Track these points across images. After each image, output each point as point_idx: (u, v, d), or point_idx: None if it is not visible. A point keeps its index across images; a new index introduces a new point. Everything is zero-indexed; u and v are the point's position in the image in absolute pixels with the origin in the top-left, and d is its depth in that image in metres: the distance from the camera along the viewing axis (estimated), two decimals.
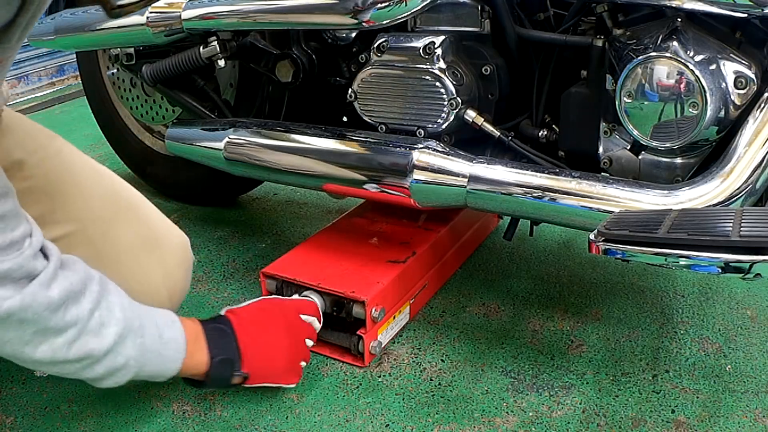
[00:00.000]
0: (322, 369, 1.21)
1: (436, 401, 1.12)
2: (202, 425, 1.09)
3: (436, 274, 1.40)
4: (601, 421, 1.06)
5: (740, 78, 1.02)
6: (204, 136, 1.47)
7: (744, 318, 1.31)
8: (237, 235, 1.74)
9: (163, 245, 1.11)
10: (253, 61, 1.51)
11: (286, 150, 1.32)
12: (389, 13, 1.16)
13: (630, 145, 1.14)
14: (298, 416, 1.10)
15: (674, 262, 0.83)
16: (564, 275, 1.48)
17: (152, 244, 1.10)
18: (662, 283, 1.43)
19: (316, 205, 1.89)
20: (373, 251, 1.33)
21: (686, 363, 1.19)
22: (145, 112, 1.82)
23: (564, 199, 1.08)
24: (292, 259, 1.31)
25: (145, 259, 1.08)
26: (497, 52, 1.26)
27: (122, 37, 1.51)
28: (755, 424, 1.05)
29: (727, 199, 0.99)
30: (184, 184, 1.86)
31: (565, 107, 1.19)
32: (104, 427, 1.09)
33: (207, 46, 1.45)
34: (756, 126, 0.99)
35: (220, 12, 1.34)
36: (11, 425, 1.10)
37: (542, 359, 1.21)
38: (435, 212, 1.43)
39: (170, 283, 1.11)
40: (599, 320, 1.32)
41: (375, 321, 1.18)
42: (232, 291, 1.47)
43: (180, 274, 1.13)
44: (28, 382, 1.20)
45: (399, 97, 1.26)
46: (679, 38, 1.02)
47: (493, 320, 1.33)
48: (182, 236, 1.16)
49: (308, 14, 1.23)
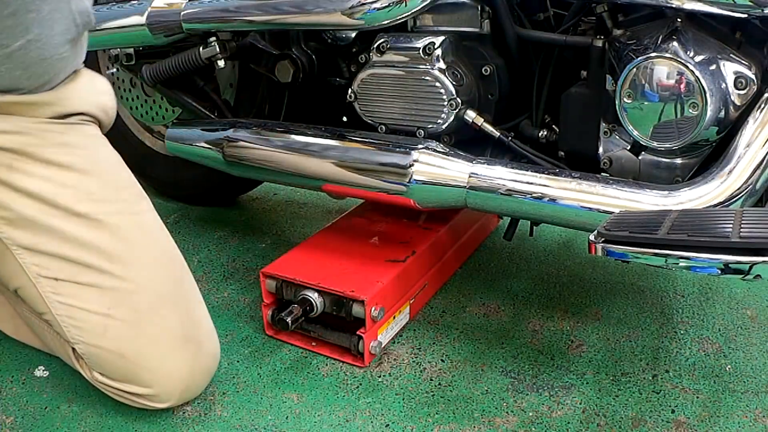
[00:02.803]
0: (322, 369, 1.21)
1: (436, 401, 1.12)
2: (202, 425, 1.09)
3: (436, 274, 1.40)
4: (601, 421, 1.06)
5: (740, 78, 1.02)
6: (204, 136, 1.47)
7: (744, 318, 1.31)
8: (237, 235, 1.74)
9: (199, 348, 1.09)
10: (252, 62, 1.51)
11: (286, 150, 1.32)
12: (389, 13, 1.16)
13: (630, 145, 1.14)
14: (298, 416, 1.10)
15: (674, 263, 0.83)
16: (564, 275, 1.49)
17: (190, 340, 1.08)
18: (662, 283, 1.43)
19: (316, 205, 1.89)
20: (372, 251, 1.33)
21: (686, 363, 1.19)
22: (145, 112, 1.82)
23: (564, 200, 1.08)
24: (292, 259, 1.31)
25: (178, 350, 1.06)
26: (497, 52, 1.26)
27: (122, 37, 1.51)
28: (755, 424, 1.05)
29: (727, 199, 0.99)
30: (184, 184, 1.86)
31: (565, 107, 1.19)
32: (104, 427, 1.09)
33: (207, 46, 1.45)
34: (756, 126, 0.99)
35: (220, 12, 1.34)
36: (11, 425, 1.10)
37: (542, 359, 1.21)
38: (435, 212, 1.43)
39: (188, 382, 1.09)
40: (599, 320, 1.32)
41: (375, 320, 1.18)
42: (232, 291, 1.47)
43: (201, 378, 1.11)
44: (28, 382, 1.20)
45: (399, 97, 1.26)
46: (679, 38, 1.02)
47: (493, 320, 1.33)
48: (218, 349, 1.14)
49: (308, 14, 1.23)
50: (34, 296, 1.06)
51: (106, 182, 1.08)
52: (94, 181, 1.07)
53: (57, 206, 1.03)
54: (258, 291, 1.41)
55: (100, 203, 1.06)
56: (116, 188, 1.09)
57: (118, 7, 1.50)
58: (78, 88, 1.11)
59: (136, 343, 1.04)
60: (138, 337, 1.04)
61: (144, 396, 1.07)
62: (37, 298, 1.06)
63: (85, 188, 1.05)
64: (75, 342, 1.06)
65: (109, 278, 1.03)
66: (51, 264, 1.03)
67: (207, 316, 1.14)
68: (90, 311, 1.03)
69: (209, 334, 1.12)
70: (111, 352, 1.04)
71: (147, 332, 1.04)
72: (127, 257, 1.05)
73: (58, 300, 1.04)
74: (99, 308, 1.03)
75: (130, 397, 1.08)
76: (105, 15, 1.52)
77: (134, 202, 1.11)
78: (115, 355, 1.04)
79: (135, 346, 1.04)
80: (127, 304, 1.03)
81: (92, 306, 1.03)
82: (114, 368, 1.06)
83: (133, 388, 1.06)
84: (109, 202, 1.07)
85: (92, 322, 1.03)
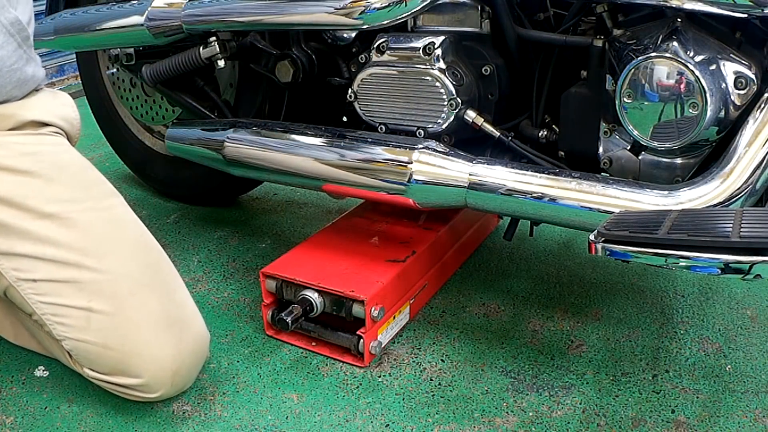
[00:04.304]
0: (322, 369, 1.21)
1: (436, 401, 1.12)
2: (202, 425, 1.09)
3: (436, 273, 1.40)
4: (601, 421, 1.06)
5: (740, 78, 1.02)
6: (204, 136, 1.47)
7: (744, 318, 1.31)
8: (237, 235, 1.74)
9: (183, 329, 1.09)
10: (252, 62, 1.51)
11: (286, 150, 1.32)
12: (389, 13, 1.16)
13: (630, 145, 1.14)
14: (298, 416, 1.10)
15: (674, 262, 0.83)
16: (564, 275, 1.49)
17: (174, 323, 1.08)
18: (662, 283, 1.43)
19: (316, 205, 1.89)
20: (372, 251, 1.33)
21: (686, 363, 1.19)
22: (145, 112, 1.82)
23: (564, 200, 1.08)
24: (291, 259, 1.31)
25: (162, 332, 1.06)
26: (497, 52, 1.26)
27: (122, 37, 1.51)
28: (755, 424, 1.05)
29: (727, 199, 0.99)
30: (184, 184, 1.86)
31: (565, 107, 1.19)
32: (104, 427, 1.09)
33: (207, 46, 1.45)
34: (756, 126, 0.99)
35: (220, 12, 1.34)
36: (11, 425, 1.10)
37: (542, 359, 1.21)
38: (435, 212, 1.43)
39: (177, 365, 1.07)
40: (599, 320, 1.32)
41: (374, 320, 1.18)
42: (232, 291, 1.47)
43: (190, 361, 1.10)
44: (28, 382, 1.20)
45: (399, 97, 1.26)
46: (679, 38, 1.02)
47: (493, 320, 1.33)
48: (206, 331, 1.14)
49: (308, 15, 1.22)
50: (19, 299, 1.08)
51: (73, 183, 1.11)
52: (61, 183, 1.10)
53: (27, 209, 1.06)
54: (258, 291, 1.41)
55: (68, 203, 1.08)
56: (84, 187, 1.12)
57: (118, 7, 1.50)
58: (39, 101, 1.16)
59: (119, 331, 1.04)
60: (120, 325, 1.04)
61: (136, 387, 1.07)
62: (21, 301, 1.08)
63: (53, 191, 1.08)
64: (62, 338, 1.07)
65: (85, 272, 1.05)
66: (27, 266, 1.06)
67: (190, 299, 1.14)
68: (71, 306, 1.05)
69: (194, 316, 1.12)
70: (96, 345, 1.05)
71: (129, 319, 1.05)
72: (100, 250, 1.06)
73: (40, 300, 1.06)
74: (79, 302, 1.05)
75: (123, 390, 1.08)
76: (105, 15, 1.52)
77: (103, 198, 1.13)
78: (101, 347, 1.05)
79: (118, 334, 1.04)
80: (106, 295, 1.05)
81: (73, 301, 1.05)
82: (102, 361, 1.07)
83: (123, 380, 1.07)
84: (78, 201, 1.09)
85: (75, 316, 1.05)
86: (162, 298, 1.09)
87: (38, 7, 2.33)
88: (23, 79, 1.13)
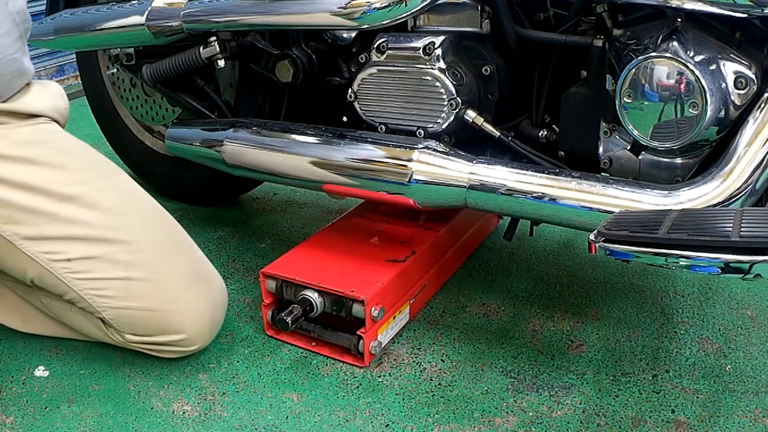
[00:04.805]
0: (322, 369, 1.21)
1: (436, 401, 1.12)
2: (202, 425, 1.09)
3: (436, 274, 1.40)
4: (601, 421, 1.06)
5: (740, 78, 1.02)
6: (204, 136, 1.47)
7: (744, 318, 1.31)
8: (237, 235, 1.74)
9: (210, 283, 1.22)
10: (253, 61, 1.51)
11: (286, 150, 1.32)
12: (389, 13, 1.16)
13: (630, 145, 1.14)
14: (298, 416, 1.10)
15: (674, 262, 0.83)
16: (564, 275, 1.49)
17: (202, 278, 1.21)
18: (662, 283, 1.43)
19: (316, 205, 1.89)
20: (372, 251, 1.33)
21: (686, 363, 1.19)
22: (145, 112, 1.82)
23: (564, 199, 1.08)
24: (291, 259, 1.31)
25: (195, 288, 1.18)
26: (497, 52, 1.26)
27: (122, 37, 1.51)
28: (755, 424, 1.05)
29: (727, 199, 0.99)
30: (184, 184, 1.86)
31: (565, 107, 1.19)
32: (104, 427, 1.09)
33: (207, 46, 1.45)
34: (756, 126, 0.99)
35: (220, 12, 1.34)
36: (11, 425, 1.10)
37: (542, 359, 1.21)
38: (435, 212, 1.43)
39: (213, 316, 1.20)
40: (599, 320, 1.32)
41: (374, 320, 1.18)
42: (232, 291, 1.47)
43: (220, 312, 1.23)
44: (28, 382, 1.20)
45: (399, 97, 1.26)
46: (679, 38, 1.02)
47: (493, 320, 1.33)
48: (222, 282, 1.26)
49: (308, 15, 1.22)
50: (52, 281, 1.13)
51: (83, 165, 1.17)
52: (73, 166, 1.16)
53: (50, 194, 1.11)
54: (258, 291, 1.41)
55: (85, 184, 1.15)
56: (94, 168, 1.19)
57: (118, 7, 1.50)
58: (32, 94, 1.20)
59: (159, 293, 1.13)
60: (159, 288, 1.13)
61: (177, 343, 1.16)
62: (55, 283, 1.13)
63: (68, 175, 1.14)
64: (103, 309, 1.14)
65: (116, 245, 1.12)
66: (60, 247, 1.11)
67: (203, 255, 1.25)
68: (109, 278, 1.12)
69: (213, 270, 1.25)
70: (139, 309, 1.13)
71: (165, 281, 1.14)
72: (125, 223, 1.15)
73: (76, 278, 1.12)
74: (117, 274, 1.12)
75: (165, 348, 1.18)
76: (105, 15, 1.52)
77: (114, 176, 1.21)
78: (145, 311, 1.13)
79: (159, 296, 1.13)
80: (139, 263, 1.13)
81: (110, 273, 1.12)
82: (145, 324, 1.15)
83: (166, 338, 1.16)
84: (93, 181, 1.16)
85: (114, 287, 1.12)
86: (187, 257, 1.20)
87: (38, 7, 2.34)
88: (20, 71, 1.16)
